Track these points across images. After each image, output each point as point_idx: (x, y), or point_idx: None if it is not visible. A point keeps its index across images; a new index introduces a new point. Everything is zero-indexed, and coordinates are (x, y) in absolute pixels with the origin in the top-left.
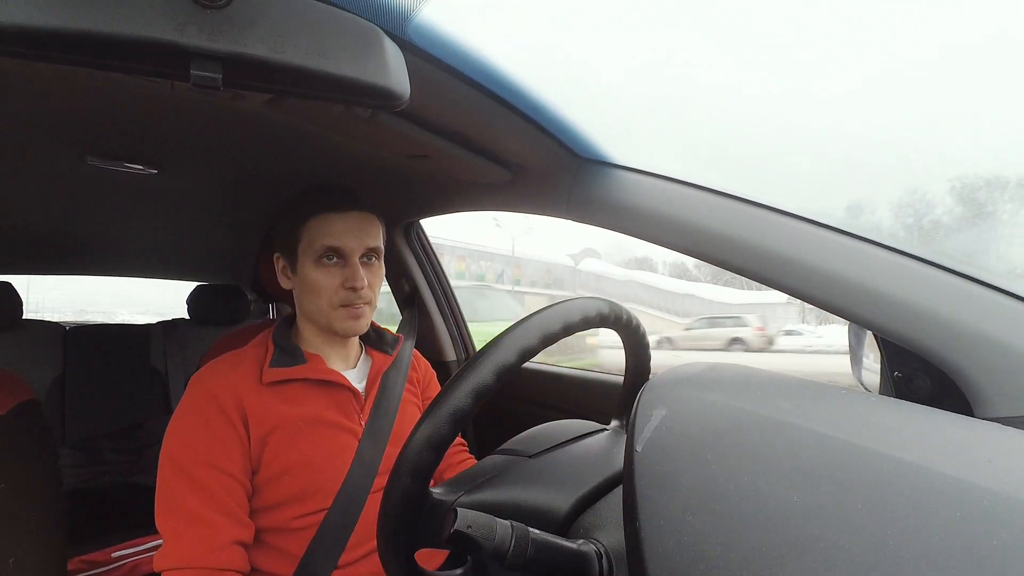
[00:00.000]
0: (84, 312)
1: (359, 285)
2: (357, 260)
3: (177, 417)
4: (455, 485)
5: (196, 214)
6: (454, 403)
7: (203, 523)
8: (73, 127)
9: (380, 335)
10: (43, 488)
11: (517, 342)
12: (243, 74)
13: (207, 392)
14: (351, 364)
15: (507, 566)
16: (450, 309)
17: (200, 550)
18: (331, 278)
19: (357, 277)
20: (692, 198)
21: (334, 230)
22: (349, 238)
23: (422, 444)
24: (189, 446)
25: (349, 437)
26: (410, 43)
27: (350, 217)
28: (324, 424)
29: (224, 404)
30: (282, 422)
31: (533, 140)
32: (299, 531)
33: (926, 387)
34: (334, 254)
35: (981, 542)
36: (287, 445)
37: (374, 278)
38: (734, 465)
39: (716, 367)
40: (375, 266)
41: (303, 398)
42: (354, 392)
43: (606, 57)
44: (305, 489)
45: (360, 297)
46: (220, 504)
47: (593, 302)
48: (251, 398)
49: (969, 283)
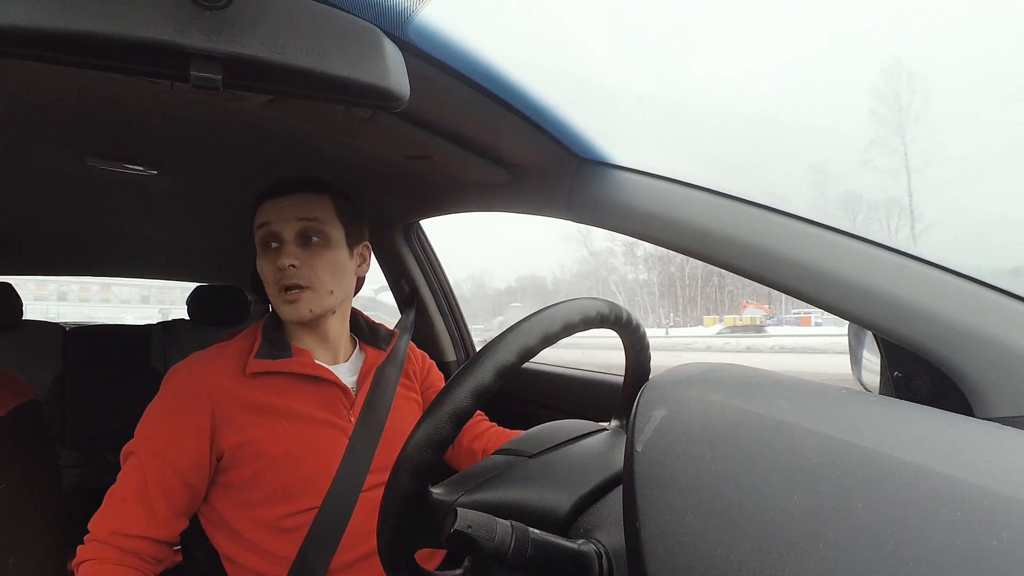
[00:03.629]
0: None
1: (282, 263)
2: (290, 240)
3: (153, 403)
4: (455, 485)
5: (196, 215)
6: (455, 403)
7: (125, 508)
8: (73, 127)
9: (374, 330)
10: (43, 488)
11: (518, 342)
12: (243, 75)
13: (179, 383)
14: (341, 359)
15: (507, 566)
16: (450, 310)
17: (112, 527)
18: (270, 264)
19: (282, 255)
20: (692, 198)
21: (268, 215)
22: (279, 220)
23: (422, 444)
24: (147, 433)
25: (338, 434)
26: (410, 44)
27: (284, 200)
28: (310, 420)
29: (195, 397)
30: (265, 411)
31: (533, 140)
32: (290, 532)
33: (926, 387)
34: (272, 239)
35: (981, 542)
36: (271, 436)
37: (313, 258)
38: (734, 465)
39: (716, 367)
40: (314, 248)
41: (289, 393)
42: (343, 388)
43: (606, 57)
44: (291, 486)
45: (288, 277)
46: (146, 497)
47: (593, 303)
48: (230, 391)
49: (969, 283)
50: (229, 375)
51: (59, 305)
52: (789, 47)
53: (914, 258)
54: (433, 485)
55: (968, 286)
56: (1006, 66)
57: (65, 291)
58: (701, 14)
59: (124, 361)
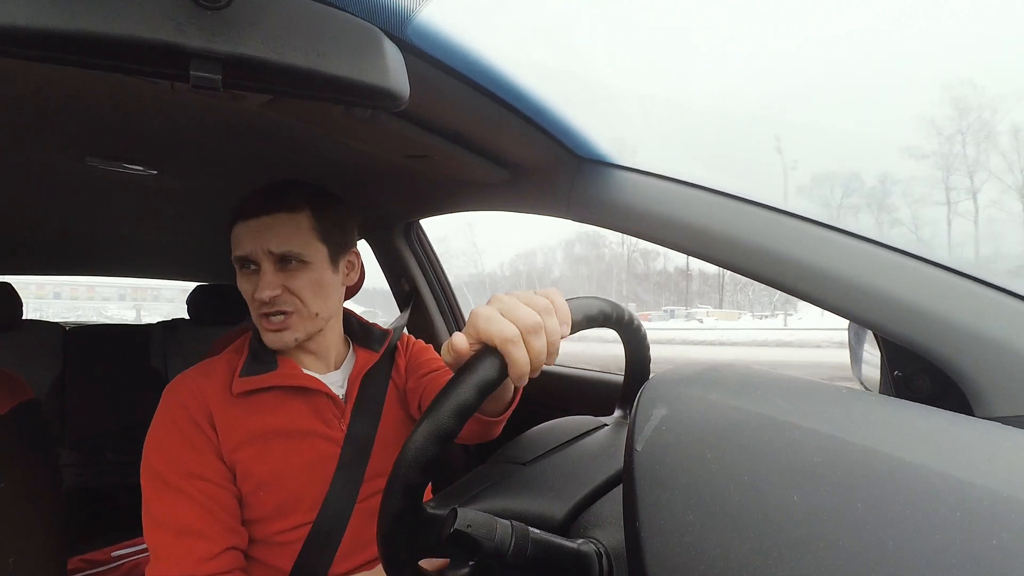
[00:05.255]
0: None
1: (261, 296)
2: (268, 266)
3: (153, 428)
4: (449, 498)
5: (196, 214)
6: (458, 398)
7: (192, 534)
8: (73, 127)
9: (367, 331)
10: (43, 488)
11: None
12: (243, 75)
13: (178, 402)
14: (332, 366)
15: (507, 566)
16: (450, 309)
17: (192, 560)
18: (249, 285)
19: (262, 286)
20: (692, 198)
21: (241, 239)
22: (251, 245)
23: (425, 440)
24: (168, 457)
25: (329, 445)
26: (410, 44)
27: (257, 223)
28: (300, 434)
29: (194, 413)
30: (251, 436)
31: (533, 140)
32: (286, 545)
33: (926, 387)
34: (247, 263)
35: (981, 542)
36: (258, 459)
37: (293, 281)
38: (734, 464)
39: (716, 367)
40: (294, 270)
41: (276, 408)
42: (332, 397)
43: (606, 57)
44: (284, 503)
45: (271, 306)
46: (207, 512)
47: (596, 301)
48: (220, 410)
49: (969, 283)
50: (218, 395)
51: (53, 303)
52: (789, 47)
53: (914, 257)
54: (427, 499)
55: (968, 285)
56: None
57: (60, 291)
58: (702, 14)
59: (124, 361)
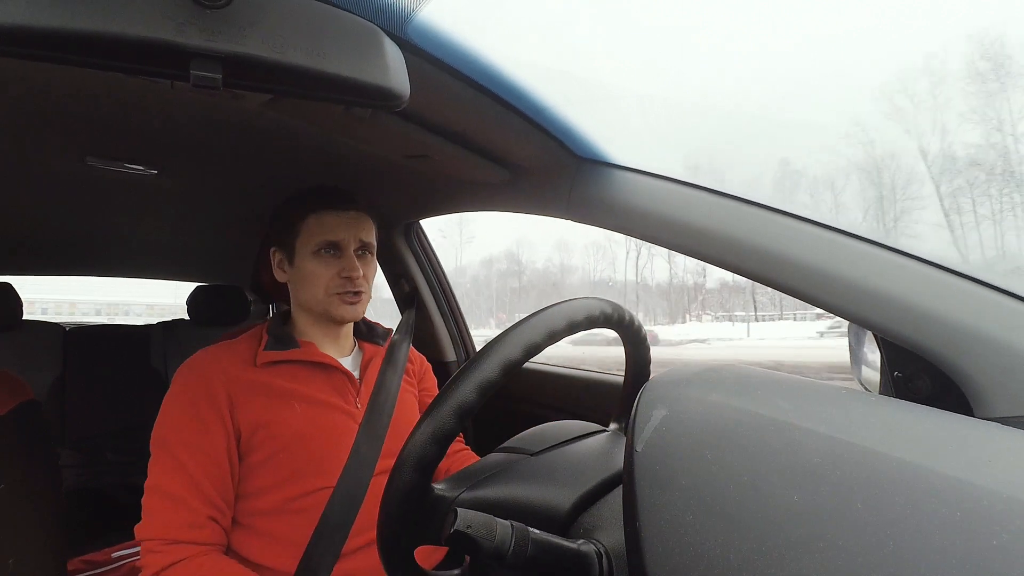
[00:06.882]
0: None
1: (355, 275)
2: (352, 252)
3: (167, 399)
4: (457, 481)
5: (196, 214)
6: (460, 397)
7: (180, 502)
8: (73, 127)
9: (371, 328)
10: (43, 488)
11: (523, 339)
12: (243, 74)
13: (197, 376)
14: (345, 353)
15: (507, 566)
16: (450, 310)
17: (176, 524)
18: (328, 268)
19: (353, 267)
20: (692, 198)
21: (332, 226)
22: (345, 233)
23: (427, 437)
24: (175, 427)
25: (347, 419)
26: (410, 43)
27: (347, 215)
28: (321, 404)
29: (212, 387)
30: (275, 395)
31: (533, 140)
32: (301, 513)
33: (926, 387)
34: (331, 248)
35: (981, 542)
36: (281, 420)
37: (368, 269)
38: (734, 465)
39: (716, 367)
40: (368, 259)
41: (300, 378)
42: (349, 376)
43: (606, 57)
44: (302, 466)
45: (355, 285)
46: (197, 486)
47: (597, 302)
48: (242, 378)
49: (969, 283)
50: (240, 365)
51: (40, 318)
52: (789, 47)
53: (914, 258)
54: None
55: (968, 286)
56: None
57: (47, 307)
58: (701, 14)
59: (124, 361)
